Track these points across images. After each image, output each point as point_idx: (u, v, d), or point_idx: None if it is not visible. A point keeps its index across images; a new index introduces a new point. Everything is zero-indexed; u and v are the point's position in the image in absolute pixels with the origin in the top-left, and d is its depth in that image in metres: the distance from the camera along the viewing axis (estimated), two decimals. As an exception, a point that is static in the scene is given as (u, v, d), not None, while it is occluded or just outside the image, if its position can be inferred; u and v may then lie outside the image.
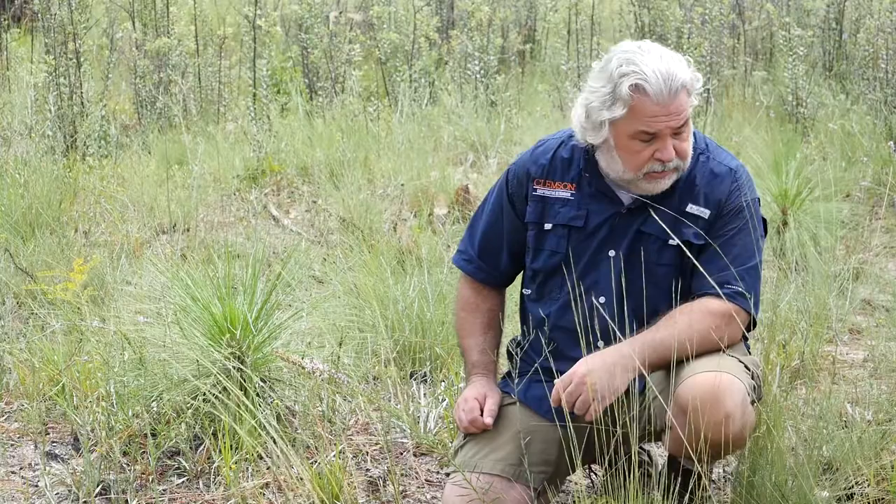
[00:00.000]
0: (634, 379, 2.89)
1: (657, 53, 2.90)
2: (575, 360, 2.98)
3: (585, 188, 3.04)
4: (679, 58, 2.92)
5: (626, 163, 2.94)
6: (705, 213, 2.98)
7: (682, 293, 2.95)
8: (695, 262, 2.92)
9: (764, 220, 3.06)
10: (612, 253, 2.99)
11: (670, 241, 2.96)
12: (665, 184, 2.95)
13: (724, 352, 2.90)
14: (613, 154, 2.96)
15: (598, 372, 2.83)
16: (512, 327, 3.57)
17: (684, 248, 2.93)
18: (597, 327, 2.95)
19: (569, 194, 3.05)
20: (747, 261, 2.96)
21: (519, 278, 3.23)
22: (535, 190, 3.09)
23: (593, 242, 3.01)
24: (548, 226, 3.06)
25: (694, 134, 3.06)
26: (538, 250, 3.08)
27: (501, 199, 3.16)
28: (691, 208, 2.99)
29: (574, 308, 2.95)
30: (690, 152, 2.96)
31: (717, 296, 2.90)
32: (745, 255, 2.96)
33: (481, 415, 3.06)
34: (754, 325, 2.98)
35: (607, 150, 2.97)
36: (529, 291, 3.12)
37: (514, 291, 3.28)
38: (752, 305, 2.93)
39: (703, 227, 2.97)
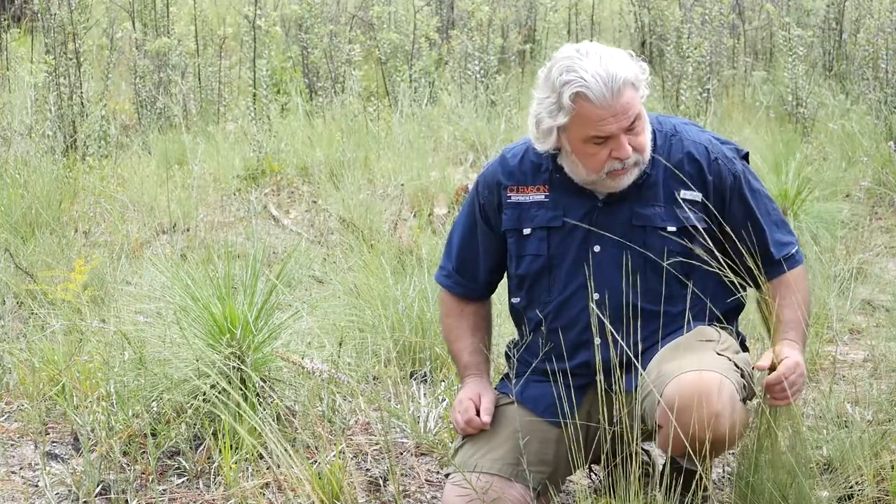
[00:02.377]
0: (626, 377, 2.90)
1: (596, 55, 2.87)
2: (575, 358, 2.97)
3: (558, 187, 3.03)
4: (620, 54, 2.90)
5: (585, 166, 2.94)
6: (698, 196, 2.98)
7: (686, 276, 2.96)
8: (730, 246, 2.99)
9: (746, 156, 3.09)
10: (597, 248, 2.99)
11: (669, 229, 2.96)
12: (628, 179, 2.94)
13: (715, 351, 2.90)
14: (573, 159, 2.95)
15: (802, 363, 2.93)
16: (510, 328, 3.57)
17: (703, 233, 2.96)
18: (595, 324, 2.94)
19: (543, 196, 3.04)
20: (778, 217, 3.07)
21: (505, 289, 3.22)
22: (509, 197, 3.07)
23: (575, 240, 3.00)
24: (526, 231, 3.05)
25: (659, 120, 3.05)
26: (520, 257, 3.07)
27: (473, 211, 3.15)
28: (684, 194, 2.98)
29: (590, 302, 2.94)
30: (648, 144, 2.95)
31: (792, 265, 3.03)
32: (772, 216, 3.05)
33: (477, 414, 3.06)
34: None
35: (567, 156, 2.97)
36: (518, 300, 3.11)
37: (503, 300, 3.28)
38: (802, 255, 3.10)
39: (702, 210, 2.98)
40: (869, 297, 5.00)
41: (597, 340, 2.90)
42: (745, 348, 3.10)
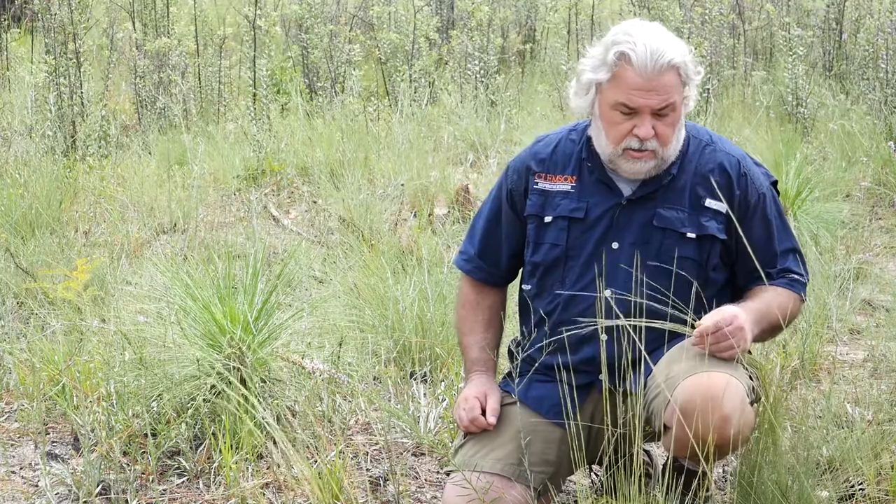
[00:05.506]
0: (634, 378, 2.90)
1: (658, 32, 2.91)
2: (579, 353, 2.97)
3: (586, 178, 3.03)
4: (680, 44, 2.92)
5: (607, 135, 2.95)
6: (723, 207, 2.97)
7: (702, 285, 2.95)
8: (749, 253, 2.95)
9: (775, 183, 3.10)
10: (615, 245, 2.98)
11: (689, 235, 2.95)
12: (642, 166, 2.94)
13: None
14: (599, 125, 2.97)
15: (742, 318, 2.83)
16: (512, 328, 3.57)
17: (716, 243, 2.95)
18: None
19: (569, 187, 3.05)
20: (794, 247, 3.06)
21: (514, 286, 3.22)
22: (536, 183, 3.08)
23: (594, 234, 3.00)
24: (548, 218, 3.06)
25: (697, 128, 3.06)
26: (538, 244, 3.07)
27: (500, 196, 3.15)
28: (710, 203, 2.98)
29: (604, 293, 2.93)
30: (674, 141, 2.95)
31: (786, 285, 2.99)
32: (787, 241, 3.04)
33: (482, 414, 3.05)
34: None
35: (595, 122, 2.99)
36: (529, 287, 3.10)
37: (513, 291, 3.28)
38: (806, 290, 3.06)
39: (724, 222, 2.97)
40: (869, 297, 5.00)
41: (603, 337, 2.90)
42: (749, 351, 3.10)
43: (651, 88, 2.87)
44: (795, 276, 3.02)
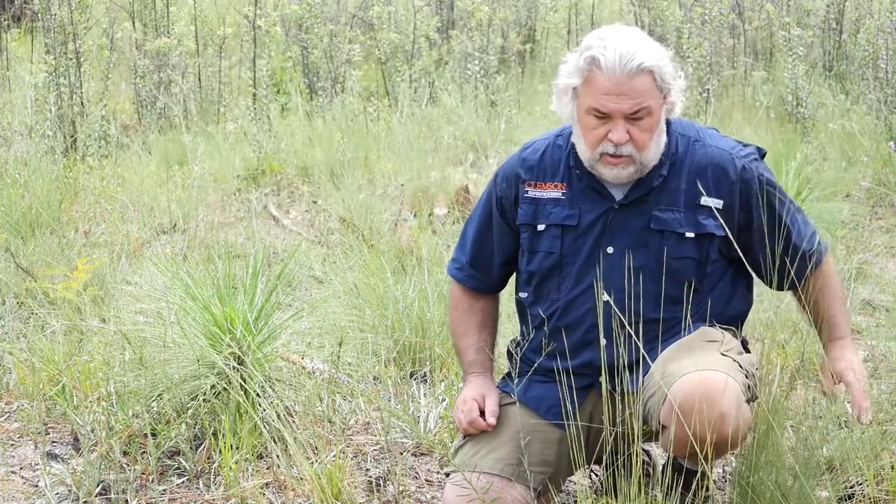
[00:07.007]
0: (633, 378, 2.90)
1: (632, 36, 2.89)
2: (578, 357, 2.97)
3: (576, 185, 3.02)
4: (656, 48, 2.90)
5: (585, 140, 2.93)
6: (719, 203, 2.96)
7: (699, 281, 2.96)
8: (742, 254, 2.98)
9: (763, 156, 3.09)
10: (610, 249, 2.98)
11: (687, 235, 2.95)
12: (621, 172, 2.92)
13: (719, 351, 2.90)
14: (577, 130, 2.96)
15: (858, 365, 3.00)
16: (512, 327, 3.57)
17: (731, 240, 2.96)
18: (602, 325, 2.93)
19: (560, 194, 3.03)
20: (797, 208, 3.07)
21: (513, 283, 3.21)
22: (526, 192, 3.06)
23: (588, 240, 2.99)
24: (541, 227, 3.04)
25: (682, 124, 3.04)
26: (532, 252, 3.06)
27: (490, 204, 3.14)
28: (705, 200, 2.97)
29: (599, 303, 2.93)
30: (653, 146, 2.92)
31: (820, 259, 3.07)
32: (796, 212, 3.06)
33: (481, 415, 3.05)
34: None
35: (575, 128, 2.98)
36: (526, 295, 3.10)
37: (512, 291, 3.28)
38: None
39: (723, 217, 2.96)
40: (869, 297, 5.00)
41: (602, 341, 2.89)
42: (746, 350, 3.10)
43: (621, 93, 2.85)
44: (819, 240, 3.08)
